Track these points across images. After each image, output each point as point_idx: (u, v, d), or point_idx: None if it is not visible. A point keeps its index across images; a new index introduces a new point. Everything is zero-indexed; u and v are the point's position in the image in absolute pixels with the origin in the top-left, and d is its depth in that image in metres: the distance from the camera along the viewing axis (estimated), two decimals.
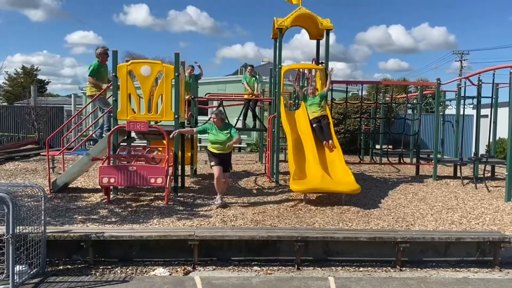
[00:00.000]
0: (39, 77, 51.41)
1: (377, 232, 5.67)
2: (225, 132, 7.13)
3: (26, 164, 12.02)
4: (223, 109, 10.59)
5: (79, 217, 6.27)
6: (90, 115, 10.20)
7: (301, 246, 5.25)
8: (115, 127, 7.58)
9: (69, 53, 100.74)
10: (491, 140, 10.59)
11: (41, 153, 13.47)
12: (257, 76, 12.44)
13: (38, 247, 4.76)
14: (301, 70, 12.44)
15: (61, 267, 5.10)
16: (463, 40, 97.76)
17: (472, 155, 10.52)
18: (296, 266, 5.24)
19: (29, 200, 4.72)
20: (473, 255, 5.51)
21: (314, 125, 8.70)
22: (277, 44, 9.42)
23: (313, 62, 10.63)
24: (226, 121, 7.45)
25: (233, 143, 7.13)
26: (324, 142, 8.42)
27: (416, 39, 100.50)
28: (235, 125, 11.44)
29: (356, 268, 5.30)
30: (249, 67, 12.70)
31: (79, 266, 5.13)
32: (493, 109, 10.51)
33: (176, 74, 7.57)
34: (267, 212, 6.79)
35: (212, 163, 7.16)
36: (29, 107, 18.93)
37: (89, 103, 9.14)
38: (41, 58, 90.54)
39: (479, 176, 9.93)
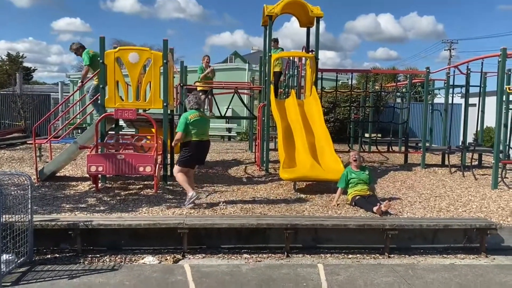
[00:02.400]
0: (25, 64, 50.37)
1: (365, 219, 5.72)
2: None
3: (12, 152, 11.84)
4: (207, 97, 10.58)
5: (67, 206, 6.20)
6: (78, 103, 10.07)
7: (290, 234, 5.27)
8: (103, 115, 7.48)
9: (55, 40, 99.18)
10: (478, 128, 10.69)
11: (27, 142, 13.28)
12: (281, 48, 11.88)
13: (25, 236, 4.71)
14: (291, 58, 12.38)
15: (49, 256, 5.06)
16: (451, 29, 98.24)
17: (460, 144, 10.62)
18: (285, 253, 5.27)
19: (15, 188, 4.66)
20: (460, 242, 5.60)
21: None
22: (267, 31, 9.34)
23: (303, 50, 10.58)
24: (189, 105, 6.43)
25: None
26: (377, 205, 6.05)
27: (405, 28, 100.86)
28: (225, 113, 11.37)
29: (345, 255, 5.34)
30: (273, 42, 11.60)
31: (67, 254, 5.10)
32: (481, 98, 10.59)
33: (165, 61, 7.47)
34: (257, 200, 6.80)
35: None
36: (15, 95, 18.59)
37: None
38: (27, 45, 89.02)
39: (466, 164, 10.04)
